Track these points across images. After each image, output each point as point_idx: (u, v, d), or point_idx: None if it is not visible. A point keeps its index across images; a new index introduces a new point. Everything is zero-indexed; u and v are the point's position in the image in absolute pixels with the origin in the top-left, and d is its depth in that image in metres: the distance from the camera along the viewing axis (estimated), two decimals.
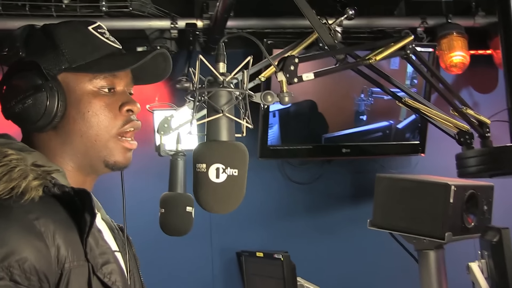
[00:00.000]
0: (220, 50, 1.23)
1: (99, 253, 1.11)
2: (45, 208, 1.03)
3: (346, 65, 1.63)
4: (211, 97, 1.19)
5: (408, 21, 3.27)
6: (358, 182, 3.56)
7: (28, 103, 1.10)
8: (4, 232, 0.94)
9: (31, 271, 0.96)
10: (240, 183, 1.17)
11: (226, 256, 3.35)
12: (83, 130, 1.15)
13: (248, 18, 3.08)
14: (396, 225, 2.44)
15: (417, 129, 3.40)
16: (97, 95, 1.17)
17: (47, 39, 1.16)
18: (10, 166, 1.00)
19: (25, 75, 1.11)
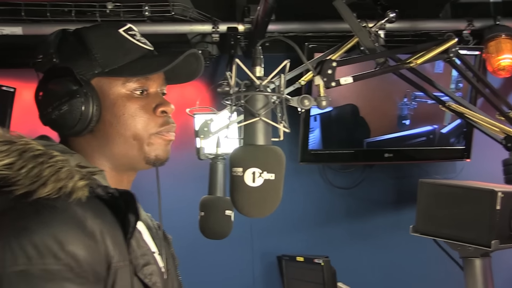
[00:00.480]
0: (257, 54, 1.23)
1: (140, 254, 1.13)
2: (92, 208, 1.04)
3: (386, 69, 1.60)
4: (248, 101, 1.19)
5: (453, 24, 3.20)
6: (400, 188, 3.51)
7: (64, 109, 1.12)
8: (58, 231, 0.96)
9: (87, 269, 0.97)
10: (276, 187, 1.17)
11: (267, 260, 3.34)
12: (121, 132, 1.17)
13: (289, 22, 3.07)
14: (440, 232, 2.39)
15: (462, 134, 3.32)
16: (131, 98, 1.18)
17: (79, 44, 1.17)
18: (57, 166, 1.02)
19: (60, 81, 1.13)
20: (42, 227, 0.95)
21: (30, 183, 0.98)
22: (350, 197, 3.42)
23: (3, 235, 0.94)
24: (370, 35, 1.61)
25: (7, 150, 1.02)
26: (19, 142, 1.04)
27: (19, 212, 0.97)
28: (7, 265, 0.91)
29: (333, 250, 3.12)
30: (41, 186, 0.98)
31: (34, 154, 1.02)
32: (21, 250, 0.92)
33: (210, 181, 1.86)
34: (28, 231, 0.94)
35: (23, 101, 3.09)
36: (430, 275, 3.36)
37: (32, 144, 1.04)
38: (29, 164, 1.00)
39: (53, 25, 2.90)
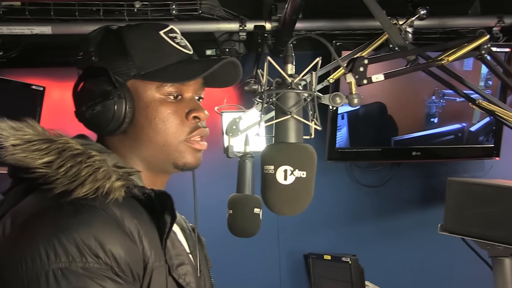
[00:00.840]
0: (288, 52, 1.23)
1: (175, 254, 1.13)
2: (129, 208, 1.05)
3: (417, 66, 1.58)
4: (279, 99, 1.19)
5: (483, 21, 3.15)
6: (428, 186, 3.47)
7: (97, 109, 1.14)
8: (97, 231, 0.97)
9: (125, 268, 0.98)
10: (308, 185, 1.17)
11: (294, 258, 3.34)
12: (151, 135, 1.18)
13: (316, 20, 3.05)
14: (468, 231, 2.37)
15: (492, 132, 3.27)
16: (164, 102, 1.19)
17: (118, 44, 1.18)
18: (95, 167, 1.04)
19: (96, 81, 1.15)
20: (81, 226, 0.96)
21: (68, 182, 1.00)
22: (377, 196, 3.40)
23: (44, 234, 0.95)
24: (400, 33, 1.59)
25: (47, 148, 1.03)
26: (59, 140, 1.05)
27: (58, 211, 0.98)
28: (51, 262, 0.92)
29: (360, 249, 3.11)
30: (79, 186, 1.00)
31: (73, 153, 1.04)
32: (62, 248, 0.93)
33: (238, 179, 1.85)
34: (68, 230, 0.95)
35: (52, 100, 3.14)
36: (458, 274, 3.33)
37: (71, 143, 1.06)
38: (67, 163, 1.02)
39: (82, 24, 2.95)
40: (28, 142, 1.04)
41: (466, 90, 2.14)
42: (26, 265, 0.93)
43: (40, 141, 1.05)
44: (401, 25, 1.63)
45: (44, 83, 3.03)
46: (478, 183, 2.42)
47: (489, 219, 2.30)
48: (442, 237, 2.43)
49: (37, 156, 1.02)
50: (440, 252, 3.29)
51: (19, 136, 1.05)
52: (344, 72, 1.36)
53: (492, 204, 2.30)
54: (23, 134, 1.06)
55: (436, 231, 2.46)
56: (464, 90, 2.16)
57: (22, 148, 1.03)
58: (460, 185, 2.44)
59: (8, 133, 1.05)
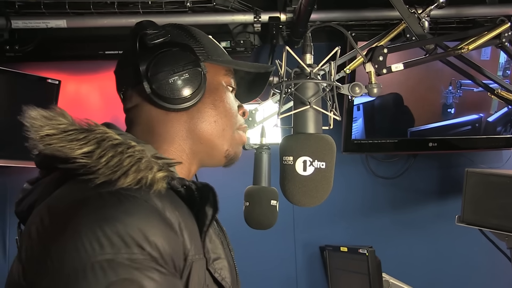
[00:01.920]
0: (307, 41, 1.22)
1: (212, 248, 1.11)
2: (170, 200, 1.03)
3: (436, 55, 1.56)
4: (298, 89, 1.18)
5: (501, 9, 3.09)
6: (445, 177, 3.44)
7: (185, 76, 1.13)
8: (141, 222, 0.94)
9: (168, 260, 0.96)
10: (327, 176, 1.16)
11: (310, 250, 3.33)
12: (216, 117, 1.20)
13: (331, 11, 3.02)
14: (487, 222, 2.35)
15: (510, 122, 3.23)
16: (227, 90, 1.24)
17: (184, 32, 1.22)
18: (136, 157, 1.02)
19: (180, 53, 1.15)
20: (125, 217, 0.93)
21: (110, 172, 0.97)
22: (393, 187, 3.38)
23: (87, 224, 0.92)
24: (419, 21, 1.57)
25: (85, 138, 1.01)
26: (97, 130, 1.03)
27: (101, 201, 0.96)
28: (96, 254, 0.89)
29: (376, 240, 3.09)
30: (122, 176, 0.97)
31: (113, 143, 1.02)
32: (107, 239, 0.90)
33: (255, 171, 1.85)
34: (112, 221, 0.92)
35: (68, 94, 3.15)
36: (476, 265, 3.31)
37: (109, 133, 1.03)
38: (108, 153, 0.99)
39: (96, 17, 2.95)
40: (64, 131, 1.02)
41: (485, 80, 2.12)
42: (70, 256, 0.90)
43: (76, 130, 1.02)
44: (419, 14, 1.61)
45: (60, 77, 3.04)
46: (496, 174, 2.40)
47: (507, 210, 2.28)
48: (459, 229, 2.42)
49: (76, 146, 1.00)
50: (457, 243, 3.28)
51: (54, 125, 1.03)
52: (364, 61, 1.35)
53: (510, 195, 2.28)
54: (58, 123, 1.03)
55: (453, 222, 2.45)
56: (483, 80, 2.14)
57: (59, 138, 1.01)
58: (478, 176, 2.43)
59: (42, 122, 1.03)
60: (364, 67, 1.34)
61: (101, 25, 2.98)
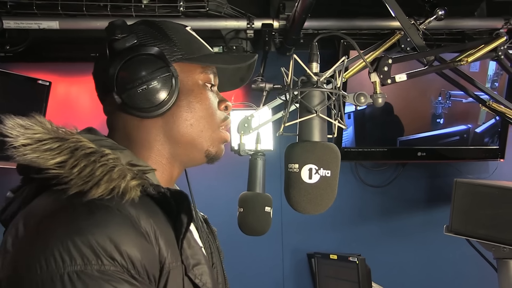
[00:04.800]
0: (313, 50, 1.23)
1: (191, 254, 1.11)
2: (144, 208, 1.03)
3: (438, 67, 1.58)
4: (304, 97, 1.19)
5: (490, 22, 3.15)
6: (433, 187, 3.48)
7: (153, 84, 1.11)
8: (112, 232, 0.94)
9: (143, 270, 0.96)
10: (332, 184, 1.17)
11: (297, 257, 3.34)
12: (192, 120, 1.18)
13: (323, 19, 3.04)
14: (474, 232, 2.37)
15: (497, 134, 3.28)
16: (205, 88, 1.20)
17: (156, 31, 1.18)
18: (109, 165, 1.00)
19: (148, 59, 1.12)
20: (97, 228, 0.93)
21: (83, 182, 0.96)
22: (382, 196, 3.40)
23: (58, 236, 0.92)
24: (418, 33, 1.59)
25: (58, 147, 1.00)
26: (70, 139, 1.02)
27: (73, 212, 0.95)
28: (66, 265, 0.90)
29: (365, 249, 3.11)
30: (94, 186, 0.96)
31: (86, 152, 1.01)
32: (77, 250, 0.90)
33: (249, 177, 1.85)
34: (83, 232, 0.92)
35: (58, 95, 3.13)
36: (463, 275, 3.34)
37: (83, 141, 1.02)
38: (81, 162, 0.98)
39: (89, 19, 2.93)
40: (39, 141, 1.01)
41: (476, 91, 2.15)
42: (40, 268, 0.90)
43: (51, 139, 1.01)
44: (418, 25, 1.63)
45: (51, 78, 3.01)
46: (485, 185, 2.42)
47: (495, 221, 2.30)
48: (447, 238, 2.43)
49: (49, 156, 0.99)
50: (445, 252, 3.30)
51: (29, 135, 1.01)
52: (369, 71, 1.36)
53: (498, 206, 2.30)
54: (33, 132, 1.02)
55: (441, 231, 2.46)
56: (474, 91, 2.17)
57: (33, 148, 1.00)
58: (467, 186, 2.44)
59: (18, 132, 1.02)
60: (369, 77, 1.35)
61: (94, 27, 2.96)
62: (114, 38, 1.13)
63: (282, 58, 3.23)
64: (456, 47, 1.55)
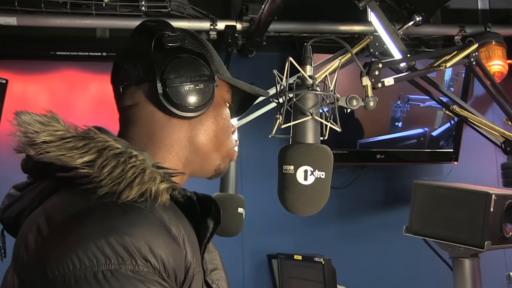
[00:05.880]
0: (307, 53, 1.24)
1: (209, 259, 1.12)
2: (174, 212, 1.02)
3: (420, 72, 1.63)
4: (299, 100, 1.20)
5: (446, 29, 3.27)
6: (390, 189, 3.56)
7: (200, 86, 1.10)
8: (146, 234, 0.92)
9: (173, 273, 0.95)
10: (326, 185, 1.19)
11: (257, 258, 3.34)
12: (217, 132, 1.17)
13: (287, 22, 3.07)
14: (433, 232, 2.43)
15: (452, 137, 3.39)
16: (227, 107, 1.21)
17: (197, 42, 1.17)
18: (140, 167, 0.98)
19: (197, 61, 1.11)
20: (131, 229, 0.91)
21: (114, 183, 0.95)
22: (341, 197, 3.44)
23: (91, 234, 0.90)
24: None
25: (84, 146, 0.98)
26: (97, 138, 0.99)
27: (106, 212, 0.93)
28: (99, 264, 0.88)
29: (324, 250, 3.12)
30: (126, 188, 0.95)
31: (115, 152, 0.98)
32: (111, 249, 0.89)
33: (222, 179, 1.85)
34: (118, 231, 0.90)
35: (15, 94, 3.03)
36: (421, 274, 3.42)
37: (110, 141, 1.00)
38: (110, 163, 0.96)
39: (49, 17, 2.87)
40: (62, 139, 0.98)
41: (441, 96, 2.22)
42: (73, 265, 0.88)
43: (74, 138, 0.99)
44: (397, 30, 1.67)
45: (7, 76, 2.93)
46: (443, 186, 2.49)
47: (453, 222, 2.36)
48: (405, 238, 2.48)
49: (76, 155, 0.96)
50: (403, 253, 3.36)
51: (50, 132, 0.99)
52: (361, 75, 1.39)
53: (457, 207, 2.36)
54: (54, 129, 1.00)
55: (398, 232, 2.51)
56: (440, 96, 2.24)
57: (57, 145, 0.97)
58: (427, 188, 2.50)
59: (37, 128, 0.99)
60: (361, 81, 1.38)
61: (53, 25, 2.91)
62: (165, 33, 1.11)
63: (243, 60, 3.24)
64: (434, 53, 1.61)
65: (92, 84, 3.17)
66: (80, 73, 3.17)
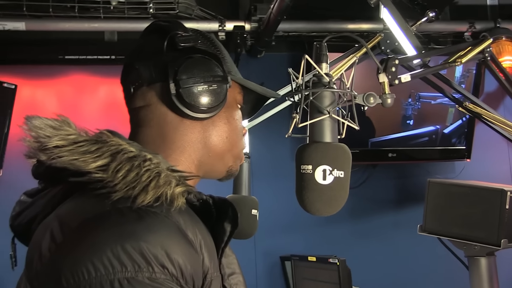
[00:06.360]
0: (322, 51, 1.23)
1: (227, 263, 1.10)
2: (189, 216, 1.00)
3: (435, 68, 1.62)
4: (315, 98, 1.19)
5: (455, 26, 3.24)
6: (402, 187, 3.53)
7: (213, 87, 1.07)
8: (163, 239, 0.90)
9: (190, 279, 0.93)
10: (345, 185, 1.18)
11: (270, 260, 3.32)
12: (229, 133, 1.15)
13: (295, 21, 3.06)
14: (448, 231, 2.41)
15: (464, 134, 3.36)
16: (238, 108, 1.19)
17: (210, 43, 1.16)
18: (154, 171, 0.97)
19: (211, 62, 1.09)
20: (147, 234, 0.90)
21: (128, 188, 0.93)
22: (353, 197, 3.34)
23: (107, 240, 0.88)
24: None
25: (97, 150, 0.96)
26: (110, 142, 0.98)
27: (122, 217, 0.92)
28: (116, 271, 0.86)
29: (337, 250, 3.10)
30: (141, 193, 0.93)
31: (129, 156, 0.97)
32: (128, 256, 0.87)
33: (235, 181, 1.84)
34: (133, 237, 0.89)
35: (24, 98, 3.03)
36: (435, 273, 3.38)
37: (124, 144, 0.98)
38: (125, 167, 0.95)
39: (57, 21, 2.86)
40: (74, 143, 0.97)
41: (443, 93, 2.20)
42: (88, 273, 0.86)
43: (87, 142, 0.97)
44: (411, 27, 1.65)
45: (16, 81, 2.92)
46: (457, 184, 2.47)
47: (468, 220, 2.34)
48: (419, 237, 2.46)
49: (90, 159, 0.95)
50: (417, 252, 3.33)
51: (62, 136, 0.98)
52: (378, 72, 1.37)
53: (471, 205, 2.34)
54: (66, 133, 0.98)
55: (411, 231, 2.49)
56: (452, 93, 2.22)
57: (69, 150, 0.96)
58: (441, 186, 2.48)
59: (49, 133, 0.98)
60: (378, 77, 1.36)
61: (62, 29, 2.89)
62: (178, 33, 1.09)
63: (252, 60, 3.23)
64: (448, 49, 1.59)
65: (101, 87, 3.17)
66: (89, 77, 3.17)
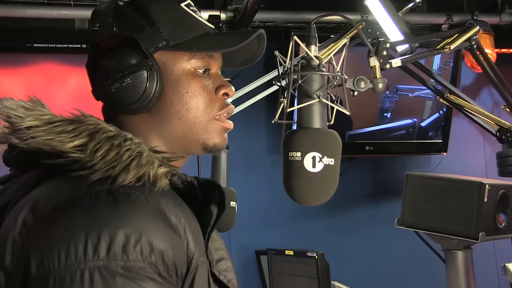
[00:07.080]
0: (311, 32, 1.17)
1: (214, 249, 1.03)
2: (171, 199, 0.93)
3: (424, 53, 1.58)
4: (304, 82, 1.13)
5: (433, 18, 3.23)
6: (379, 181, 3.51)
7: (126, 82, 0.99)
8: (142, 224, 0.84)
9: (172, 266, 0.87)
10: (335, 173, 1.13)
11: (245, 255, 3.27)
12: (182, 112, 1.04)
13: (271, 11, 3.02)
14: (426, 224, 2.39)
15: (440, 128, 3.35)
16: (195, 76, 1.06)
17: (140, 15, 1.04)
18: (136, 150, 0.91)
19: (122, 52, 1.01)
20: (124, 218, 0.84)
21: (108, 168, 0.87)
22: None
23: (79, 226, 0.83)
24: None
25: (74, 130, 0.90)
26: (87, 121, 0.92)
27: (96, 201, 0.86)
28: (87, 260, 0.80)
29: (312, 244, 3.07)
30: (122, 172, 0.87)
31: (108, 135, 0.91)
32: (101, 243, 0.81)
33: (213, 172, 1.79)
34: (107, 223, 0.83)
35: None
36: (412, 266, 3.38)
37: (102, 124, 0.92)
38: (103, 146, 0.89)
39: (24, 7, 2.82)
40: (49, 123, 0.91)
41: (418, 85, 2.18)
42: (59, 261, 0.80)
43: (62, 122, 0.91)
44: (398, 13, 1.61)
45: None
46: (436, 178, 2.45)
47: (446, 213, 2.32)
48: (395, 231, 2.44)
49: (66, 139, 0.89)
50: (394, 245, 3.33)
51: (36, 116, 0.91)
52: (369, 55, 1.32)
53: (450, 198, 2.33)
54: (41, 114, 0.92)
55: (389, 225, 2.47)
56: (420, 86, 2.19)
57: (43, 130, 0.90)
58: (419, 180, 2.46)
59: (22, 113, 0.92)
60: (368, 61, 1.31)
61: (30, 16, 2.80)
62: (92, 29, 1.03)
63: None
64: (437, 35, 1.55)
65: (71, 77, 3.06)
66: (59, 66, 3.06)
